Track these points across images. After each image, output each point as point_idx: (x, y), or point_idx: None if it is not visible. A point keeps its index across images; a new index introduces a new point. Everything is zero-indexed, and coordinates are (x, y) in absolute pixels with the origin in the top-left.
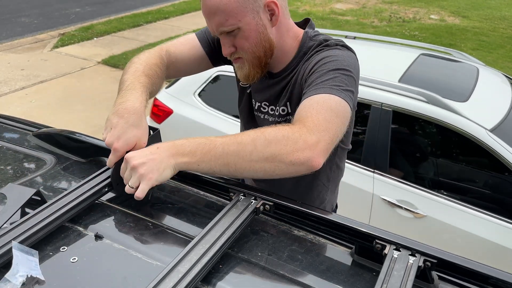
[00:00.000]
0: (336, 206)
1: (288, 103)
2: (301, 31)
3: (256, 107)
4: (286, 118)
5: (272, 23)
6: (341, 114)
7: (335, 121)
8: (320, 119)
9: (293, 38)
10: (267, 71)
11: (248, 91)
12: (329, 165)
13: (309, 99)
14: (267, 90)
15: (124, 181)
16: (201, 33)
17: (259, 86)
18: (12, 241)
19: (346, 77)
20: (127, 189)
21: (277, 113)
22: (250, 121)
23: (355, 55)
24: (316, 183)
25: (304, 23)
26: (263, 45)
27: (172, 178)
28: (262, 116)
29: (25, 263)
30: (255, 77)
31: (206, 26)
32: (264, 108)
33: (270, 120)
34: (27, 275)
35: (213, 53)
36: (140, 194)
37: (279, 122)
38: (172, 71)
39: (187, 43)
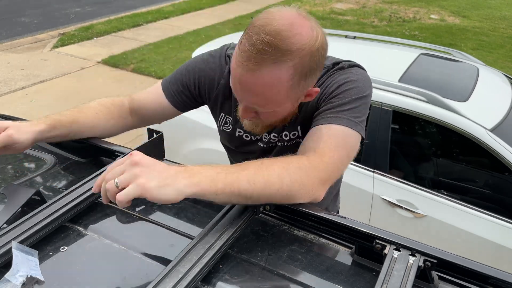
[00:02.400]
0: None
1: (299, 127)
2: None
3: (254, 138)
4: (296, 141)
5: (304, 99)
6: (352, 154)
7: (346, 162)
8: (336, 158)
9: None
10: None
11: (238, 133)
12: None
13: (328, 128)
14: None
15: (110, 175)
16: (165, 83)
17: None
18: (12, 241)
19: (365, 105)
20: (109, 185)
21: (286, 138)
22: (243, 151)
23: (366, 71)
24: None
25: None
26: (286, 117)
27: None
28: (262, 144)
29: (25, 263)
30: (262, 133)
31: (172, 76)
32: (266, 137)
33: (280, 144)
34: (27, 275)
35: (178, 104)
36: (122, 197)
37: (288, 146)
38: (137, 118)
39: (152, 92)
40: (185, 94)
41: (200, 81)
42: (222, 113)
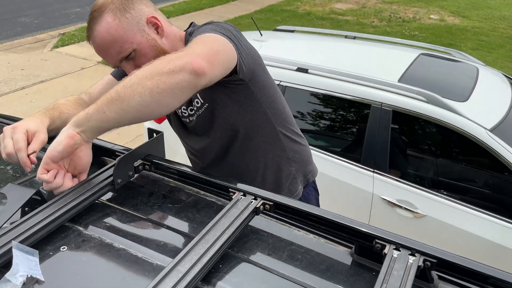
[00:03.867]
0: (316, 191)
1: (197, 94)
2: (183, 33)
3: (181, 115)
4: (204, 108)
5: (160, 35)
6: (227, 48)
7: (222, 49)
8: (207, 45)
9: (180, 41)
10: None
11: None
12: (275, 135)
13: (192, 40)
14: None
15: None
16: (115, 70)
17: None
18: (12, 241)
19: (225, 27)
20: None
21: (195, 108)
22: (185, 133)
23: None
24: (272, 156)
25: (189, 27)
26: (160, 56)
27: (172, 178)
28: (188, 120)
29: (25, 263)
30: None
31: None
32: (185, 112)
33: (194, 118)
34: (27, 275)
35: None
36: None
37: (201, 115)
38: None
39: (103, 82)
40: None
41: None
42: None
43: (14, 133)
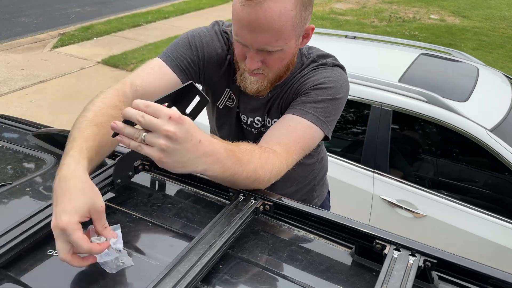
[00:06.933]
0: (329, 193)
1: (280, 116)
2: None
3: (248, 123)
4: None
5: (301, 44)
6: (308, 150)
7: (301, 157)
8: (295, 157)
9: (296, 56)
10: None
11: (237, 110)
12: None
13: (297, 120)
14: (257, 103)
15: (144, 123)
16: (170, 60)
17: (249, 101)
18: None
19: (336, 106)
20: (137, 134)
21: (269, 125)
22: (237, 135)
23: (346, 74)
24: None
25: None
26: (289, 64)
27: (172, 178)
28: (254, 130)
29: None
30: (266, 93)
31: (171, 49)
32: (257, 124)
33: (264, 131)
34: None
35: (187, 80)
36: (141, 152)
37: None
38: None
39: (155, 73)
40: (194, 70)
41: (209, 57)
42: (227, 89)
43: (68, 235)
